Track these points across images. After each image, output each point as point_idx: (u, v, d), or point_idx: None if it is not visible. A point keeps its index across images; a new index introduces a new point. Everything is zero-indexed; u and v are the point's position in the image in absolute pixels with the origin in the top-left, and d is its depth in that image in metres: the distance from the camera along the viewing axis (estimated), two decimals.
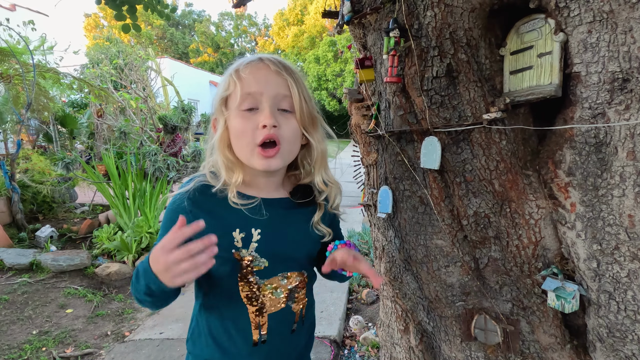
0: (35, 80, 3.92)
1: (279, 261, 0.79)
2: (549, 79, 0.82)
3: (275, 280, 0.79)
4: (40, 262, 3.31)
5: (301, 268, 0.83)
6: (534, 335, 1.00)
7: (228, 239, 0.74)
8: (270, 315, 0.80)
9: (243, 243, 0.75)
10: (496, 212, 0.95)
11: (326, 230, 0.82)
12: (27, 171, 4.42)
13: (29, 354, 2.29)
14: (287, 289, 0.81)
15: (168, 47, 30.64)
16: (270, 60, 0.73)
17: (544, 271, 0.93)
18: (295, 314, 0.83)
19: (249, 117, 0.71)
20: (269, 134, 0.70)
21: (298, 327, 0.85)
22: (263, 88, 0.71)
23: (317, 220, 0.81)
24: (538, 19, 0.82)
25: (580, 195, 0.83)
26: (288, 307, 0.82)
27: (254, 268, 0.76)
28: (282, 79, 0.72)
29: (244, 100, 0.71)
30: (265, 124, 0.69)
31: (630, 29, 0.68)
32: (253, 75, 0.71)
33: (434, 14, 0.84)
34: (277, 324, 0.81)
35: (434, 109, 0.92)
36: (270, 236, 0.77)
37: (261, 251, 0.76)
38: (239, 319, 0.79)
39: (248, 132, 0.71)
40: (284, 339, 0.83)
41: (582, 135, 0.80)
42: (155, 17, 2.38)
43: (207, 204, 0.76)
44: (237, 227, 0.75)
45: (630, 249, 0.75)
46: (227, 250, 0.75)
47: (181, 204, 0.75)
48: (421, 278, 1.14)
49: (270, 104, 0.71)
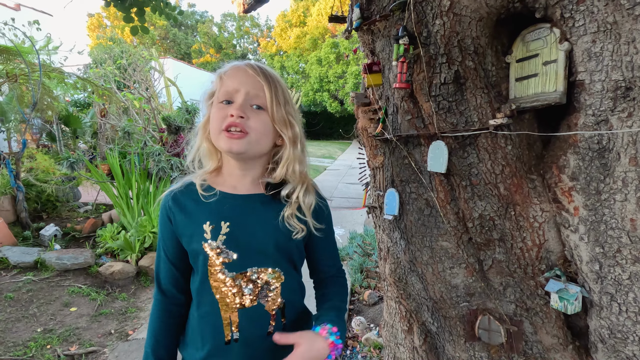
0: (41, 80, 3.96)
1: (249, 255, 0.81)
2: (553, 87, 0.84)
3: (245, 275, 0.81)
4: (44, 260, 3.34)
5: (275, 265, 0.83)
6: (536, 335, 1.02)
7: (199, 231, 0.80)
8: (240, 311, 0.81)
9: (212, 235, 0.80)
10: (501, 215, 0.97)
11: (299, 226, 0.84)
12: (32, 170, 4.44)
13: (34, 351, 2.31)
14: (257, 285, 0.82)
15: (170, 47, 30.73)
16: (251, 65, 0.82)
17: (547, 273, 0.95)
18: (269, 315, 0.83)
19: (224, 108, 0.80)
20: (233, 122, 0.78)
21: (276, 329, 0.83)
22: (239, 86, 0.80)
23: (287, 215, 0.83)
24: (543, 28, 0.85)
25: (583, 200, 0.85)
26: (260, 306, 0.82)
27: (223, 260, 0.80)
28: (257, 81, 0.80)
29: (222, 95, 0.81)
30: (233, 113, 0.78)
31: (633, 40, 0.70)
32: (233, 76, 0.81)
33: (442, 22, 0.87)
34: (249, 323, 0.82)
35: (441, 114, 0.95)
36: (239, 229, 0.81)
37: (229, 243, 0.80)
38: (210, 314, 0.82)
39: (219, 119, 0.80)
40: (259, 341, 0.82)
41: (585, 141, 0.82)
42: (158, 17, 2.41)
43: (185, 201, 0.84)
44: (208, 220, 0.80)
45: (632, 252, 0.77)
46: (198, 243, 0.80)
47: (165, 202, 0.85)
48: (426, 279, 1.16)
49: (242, 99, 0.79)
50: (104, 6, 2.22)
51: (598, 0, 0.73)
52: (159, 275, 0.87)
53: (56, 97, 4.97)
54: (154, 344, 0.85)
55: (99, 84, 5.54)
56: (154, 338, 0.85)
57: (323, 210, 0.91)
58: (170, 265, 0.85)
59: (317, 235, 0.88)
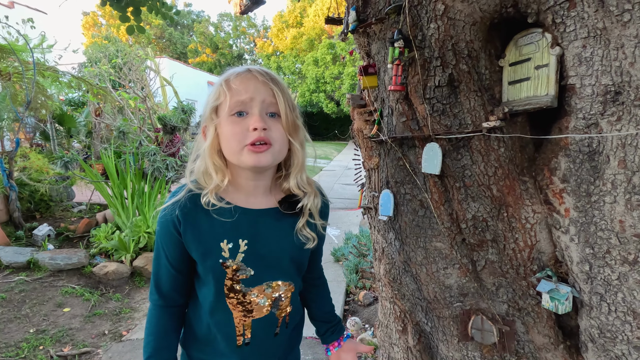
0: (35, 78, 3.92)
1: (264, 270, 0.82)
2: (545, 90, 0.86)
3: (261, 288, 0.82)
4: (37, 260, 3.31)
5: (287, 278, 0.86)
6: (528, 335, 1.04)
7: (216, 249, 0.78)
8: (254, 320, 0.84)
9: (230, 253, 0.78)
10: (494, 216, 0.99)
11: (311, 235, 0.85)
12: (25, 169, 4.40)
13: (26, 352, 2.29)
14: (271, 297, 0.84)
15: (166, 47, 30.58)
16: (258, 71, 0.78)
17: (539, 273, 0.97)
18: (278, 320, 0.88)
19: (239, 121, 0.75)
20: (260, 137, 0.74)
21: (281, 330, 0.89)
22: (252, 95, 0.75)
23: (300, 226, 0.84)
24: (536, 32, 0.87)
25: (574, 201, 0.86)
26: (272, 314, 0.86)
27: (240, 277, 0.80)
28: (269, 88, 0.77)
29: (234, 107, 0.76)
30: (256, 126, 0.74)
31: (622, 46, 0.72)
32: (243, 85, 0.76)
33: (437, 26, 0.88)
34: (260, 329, 0.85)
35: (435, 116, 0.96)
36: (256, 246, 0.80)
37: (247, 261, 0.80)
38: (223, 324, 0.83)
39: (238, 135, 0.75)
40: (267, 342, 0.88)
41: (576, 144, 0.84)
42: (154, 16, 2.41)
43: (197, 216, 0.79)
44: (225, 238, 0.78)
45: (621, 252, 0.79)
46: (214, 261, 0.78)
47: (172, 214, 0.78)
48: (420, 279, 1.17)
49: (260, 108, 0.76)
50: (100, 5, 2.22)
51: (588, 7, 0.75)
52: (160, 281, 0.84)
53: (50, 95, 4.93)
54: (156, 345, 0.83)
55: (93, 83, 5.50)
56: (156, 341, 0.84)
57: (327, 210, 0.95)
58: (174, 272, 0.83)
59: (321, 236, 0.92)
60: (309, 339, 2.36)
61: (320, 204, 0.89)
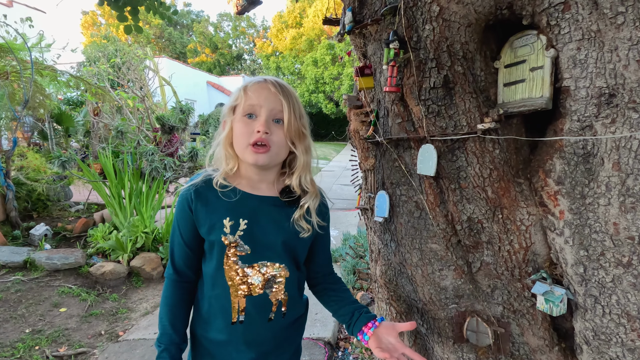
0: (33, 77, 3.91)
1: (260, 250, 0.92)
2: (540, 92, 0.86)
3: (256, 266, 0.92)
4: (34, 260, 3.30)
5: (281, 261, 0.94)
6: (523, 337, 1.04)
7: (219, 224, 0.89)
8: (248, 298, 0.92)
9: (231, 230, 0.89)
10: (489, 218, 0.99)
11: (306, 226, 0.95)
12: (23, 169, 4.39)
13: (22, 352, 2.28)
14: (264, 276, 0.93)
15: (166, 46, 30.55)
16: (272, 82, 0.91)
17: (534, 275, 0.97)
18: (272, 304, 0.94)
19: (249, 122, 0.90)
20: (260, 138, 0.88)
21: (276, 317, 0.96)
22: (263, 102, 0.89)
23: (297, 217, 0.94)
24: (531, 34, 0.87)
25: (568, 203, 0.86)
26: (265, 295, 0.93)
27: (237, 253, 0.90)
28: (278, 99, 0.89)
29: (246, 110, 0.90)
30: (259, 129, 0.88)
31: (616, 48, 0.72)
32: (256, 93, 0.90)
33: (432, 27, 0.88)
34: (254, 308, 0.93)
35: (430, 118, 0.96)
36: (254, 227, 0.91)
37: (245, 239, 0.90)
38: (221, 297, 0.92)
39: (245, 134, 0.89)
40: (260, 325, 0.94)
41: (571, 146, 0.84)
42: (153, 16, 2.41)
43: (208, 195, 0.92)
44: (228, 216, 0.90)
45: (615, 255, 0.79)
46: (217, 235, 0.89)
47: (187, 194, 0.92)
48: (416, 281, 1.17)
49: (267, 115, 0.89)
50: (98, 4, 2.21)
51: (583, 9, 0.75)
52: (174, 256, 0.96)
53: (48, 95, 4.91)
54: (170, 317, 0.94)
55: (92, 82, 5.49)
56: (170, 312, 0.94)
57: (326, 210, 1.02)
58: (186, 248, 0.94)
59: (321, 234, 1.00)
60: (306, 340, 2.36)
61: (319, 203, 0.99)
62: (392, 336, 0.91)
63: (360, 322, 0.95)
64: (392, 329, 0.93)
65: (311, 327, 2.47)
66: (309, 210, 0.95)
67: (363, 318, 0.95)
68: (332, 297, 1.05)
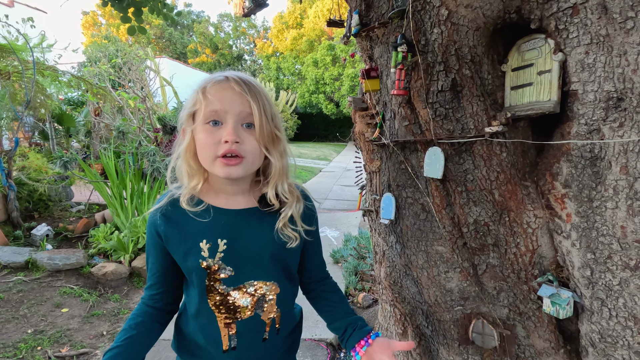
0: (35, 77, 3.92)
1: (245, 269, 0.82)
2: (547, 96, 0.86)
3: (242, 288, 0.82)
4: (36, 260, 3.29)
5: (270, 277, 0.84)
6: (529, 339, 1.04)
7: (195, 249, 0.79)
8: (238, 322, 0.83)
9: (209, 253, 0.79)
10: (495, 221, 0.99)
11: (292, 234, 0.84)
12: (24, 169, 4.39)
13: (24, 353, 2.28)
14: (254, 297, 0.83)
15: (166, 46, 30.57)
16: (235, 80, 0.77)
17: (540, 278, 0.97)
18: (265, 323, 0.85)
19: (213, 131, 0.76)
20: (229, 149, 0.75)
21: (271, 336, 0.86)
22: (227, 107, 0.75)
23: (280, 227, 0.83)
24: (538, 38, 0.87)
25: (575, 207, 0.87)
26: (257, 316, 0.84)
27: (220, 276, 0.80)
28: (245, 100, 0.76)
29: (209, 116, 0.76)
30: (227, 139, 0.74)
31: (625, 53, 0.72)
32: (218, 95, 0.76)
33: (440, 31, 0.89)
34: (246, 331, 0.84)
35: (438, 120, 0.96)
36: (236, 246, 0.80)
37: (227, 260, 0.80)
38: (208, 326, 0.83)
39: (211, 146, 0.76)
40: (255, 347, 0.85)
41: (578, 150, 0.84)
42: (154, 16, 2.41)
43: (177, 218, 0.81)
44: (204, 238, 0.79)
45: (622, 258, 0.79)
46: (194, 261, 0.79)
47: (154, 219, 0.82)
48: (421, 283, 1.17)
49: (234, 120, 0.76)
50: (101, 6, 2.21)
51: (591, 13, 0.75)
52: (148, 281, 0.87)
53: (49, 95, 4.92)
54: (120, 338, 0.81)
55: (93, 82, 5.49)
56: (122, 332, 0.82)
57: (312, 214, 0.91)
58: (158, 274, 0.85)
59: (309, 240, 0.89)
60: (308, 341, 2.36)
61: (303, 208, 0.88)
62: (386, 354, 0.83)
63: (353, 339, 0.87)
64: (387, 347, 0.84)
65: (313, 328, 2.47)
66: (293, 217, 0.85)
67: (356, 335, 0.88)
68: (325, 307, 0.96)
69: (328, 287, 0.98)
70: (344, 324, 0.91)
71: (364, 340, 0.86)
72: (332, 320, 0.94)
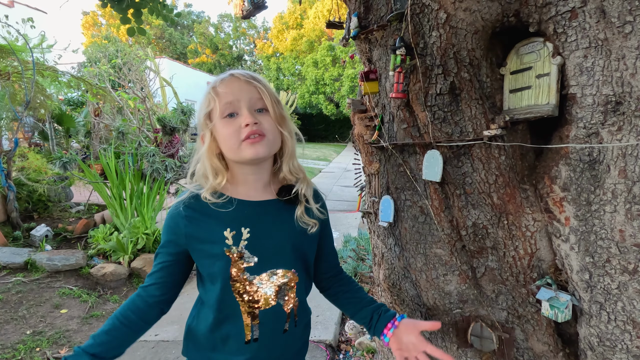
0: (34, 78, 3.91)
1: (268, 258, 0.85)
2: (546, 99, 0.86)
3: (265, 276, 0.85)
4: (35, 261, 3.29)
5: (290, 266, 0.87)
6: (528, 343, 1.04)
7: (220, 237, 0.82)
8: (261, 312, 0.85)
9: (234, 241, 0.82)
10: (494, 224, 0.99)
11: (311, 221, 0.89)
12: (23, 169, 4.38)
13: (23, 354, 2.28)
14: (276, 285, 0.86)
15: (166, 47, 30.57)
16: (240, 73, 0.84)
17: (539, 281, 0.97)
18: (286, 314, 0.88)
19: (232, 122, 0.82)
20: (252, 130, 0.80)
21: (290, 327, 0.89)
22: (239, 95, 0.82)
23: (299, 214, 0.88)
24: (537, 42, 0.87)
25: (574, 210, 0.87)
26: (279, 305, 0.86)
27: (244, 264, 0.83)
28: (253, 86, 0.83)
29: (224, 110, 0.82)
30: (247, 122, 0.80)
31: (623, 57, 0.72)
32: (228, 88, 0.83)
33: (439, 34, 0.88)
34: (269, 322, 0.86)
35: (436, 124, 0.96)
36: (259, 235, 0.84)
37: (250, 248, 0.83)
38: (231, 316, 0.84)
39: (233, 134, 0.81)
40: (275, 338, 0.88)
41: (577, 153, 0.84)
42: (154, 17, 2.41)
43: (201, 209, 0.84)
44: (228, 227, 0.82)
45: (621, 262, 0.79)
46: (219, 249, 0.82)
47: (177, 210, 0.84)
48: (420, 285, 1.17)
49: (248, 106, 0.82)
50: (101, 6, 2.21)
51: (590, 17, 0.75)
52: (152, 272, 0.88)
53: (49, 95, 4.91)
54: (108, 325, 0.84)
55: (93, 82, 5.49)
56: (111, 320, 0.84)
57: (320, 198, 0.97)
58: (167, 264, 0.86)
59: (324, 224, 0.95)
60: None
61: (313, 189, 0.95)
62: (414, 334, 0.88)
63: (381, 324, 0.91)
64: (413, 327, 0.89)
65: (312, 329, 2.46)
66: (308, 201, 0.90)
67: (382, 319, 0.92)
68: (348, 299, 0.99)
69: (345, 280, 1.02)
70: (369, 312, 0.94)
71: (391, 323, 0.90)
72: (356, 311, 0.97)
